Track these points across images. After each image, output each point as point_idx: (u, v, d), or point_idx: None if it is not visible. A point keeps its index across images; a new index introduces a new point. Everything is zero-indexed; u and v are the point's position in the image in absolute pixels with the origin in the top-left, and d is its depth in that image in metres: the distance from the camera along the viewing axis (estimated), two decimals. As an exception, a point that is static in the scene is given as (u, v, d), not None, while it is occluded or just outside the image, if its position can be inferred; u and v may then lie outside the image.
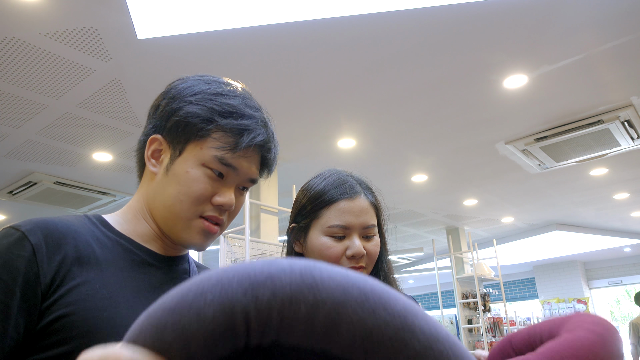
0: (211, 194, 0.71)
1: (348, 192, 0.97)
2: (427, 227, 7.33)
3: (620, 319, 14.18)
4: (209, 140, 0.71)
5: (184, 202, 0.70)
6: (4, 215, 5.65)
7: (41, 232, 0.64)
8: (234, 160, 0.71)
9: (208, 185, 0.70)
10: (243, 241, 3.11)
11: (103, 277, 0.66)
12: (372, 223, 0.97)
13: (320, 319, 0.35)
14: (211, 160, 0.70)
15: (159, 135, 0.74)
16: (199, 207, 0.71)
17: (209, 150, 0.70)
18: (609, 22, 2.70)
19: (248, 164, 0.73)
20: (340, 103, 3.48)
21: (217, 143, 0.70)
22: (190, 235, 0.72)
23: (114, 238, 0.72)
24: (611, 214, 7.06)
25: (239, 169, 0.72)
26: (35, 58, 2.75)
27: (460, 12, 2.57)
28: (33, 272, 0.61)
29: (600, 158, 4.62)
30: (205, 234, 0.72)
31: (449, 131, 4.05)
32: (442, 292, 11.83)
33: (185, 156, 0.71)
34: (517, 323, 7.61)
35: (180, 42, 2.70)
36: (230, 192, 0.72)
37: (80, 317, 0.62)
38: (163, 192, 0.72)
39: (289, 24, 2.60)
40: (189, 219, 0.71)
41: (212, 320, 0.33)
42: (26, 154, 3.98)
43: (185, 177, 0.70)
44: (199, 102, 0.72)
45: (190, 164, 0.71)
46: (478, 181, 5.37)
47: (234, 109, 0.72)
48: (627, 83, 3.40)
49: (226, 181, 0.72)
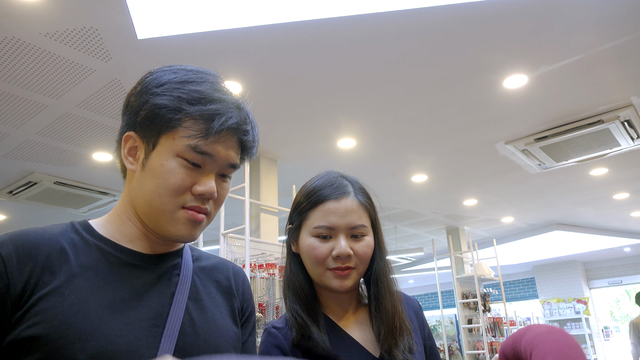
0: (190, 184, 0.69)
1: (334, 192, 0.97)
2: (427, 227, 7.33)
3: (620, 319, 14.18)
4: (180, 130, 0.68)
5: (162, 196, 0.68)
6: (4, 215, 5.66)
7: (12, 244, 0.65)
8: (208, 146, 0.69)
9: (185, 175, 0.69)
10: (243, 241, 3.11)
11: (74, 283, 0.65)
12: (361, 223, 0.97)
13: None
14: (184, 150, 0.68)
15: (132, 132, 0.73)
16: (179, 199, 0.69)
17: (181, 140, 0.68)
18: (609, 22, 2.70)
19: (224, 149, 0.71)
20: (340, 103, 3.48)
21: (188, 132, 0.68)
22: (176, 227, 0.70)
23: (93, 242, 0.71)
24: (611, 214, 7.06)
25: (215, 155, 0.70)
26: (35, 58, 2.75)
27: (460, 12, 2.57)
28: (3, 283, 0.62)
29: (600, 158, 4.62)
30: (190, 223, 0.70)
31: (449, 131, 4.05)
32: (442, 292, 11.82)
33: (159, 149, 0.69)
34: (517, 323, 7.61)
35: (180, 42, 2.70)
36: (210, 180, 0.70)
37: (48, 325, 0.61)
38: (142, 189, 0.71)
39: (289, 24, 2.60)
40: (171, 211, 0.69)
41: None
42: (26, 154, 3.98)
43: (161, 170, 0.68)
44: (166, 93, 0.70)
45: (165, 156, 0.69)
46: (478, 181, 5.37)
47: (202, 94, 0.70)
48: (627, 83, 3.40)
49: (204, 169, 0.70)
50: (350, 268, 0.94)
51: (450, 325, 6.86)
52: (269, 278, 3.21)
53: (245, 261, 2.98)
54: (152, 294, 0.70)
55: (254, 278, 3.15)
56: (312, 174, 1.07)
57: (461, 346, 6.47)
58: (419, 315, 1.09)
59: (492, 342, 5.95)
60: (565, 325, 9.77)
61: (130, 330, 0.64)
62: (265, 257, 3.33)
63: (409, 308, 1.07)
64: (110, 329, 0.63)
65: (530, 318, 9.31)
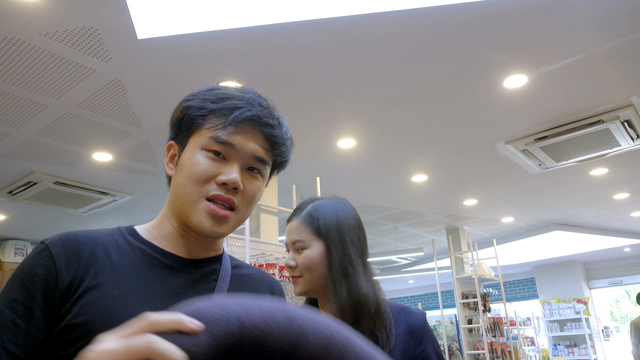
0: (213, 174, 0.73)
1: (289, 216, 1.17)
2: (427, 227, 7.33)
3: (620, 319, 14.17)
4: (205, 125, 0.75)
5: (187, 186, 0.73)
6: (4, 215, 5.65)
7: (61, 243, 0.71)
8: (229, 137, 0.73)
9: (209, 165, 0.73)
10: (243, 241, 3.11)
11: (116, 280, 0.70)
12: (298, 239, 1.11)
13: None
14: (207, 142, 0.73)
15: (172, 141, 0.80)
16: (202, 188, 0.73)
17: (205, 134, 0.74)
18: (609, 22, 2.70)
19: (245, 139, 0.74)
20: (340, 103, 3.48)
21: (211, 125, 0.74)
22: (197, 218, 0.73)
23: (136, 244, 0.76)
24: (611, 214, 7.06)
25: (236, 145, 0.74)
26: (35, 58, 2.75)
27: (460, 12, 2.57)
28: (53, 278, 0.68)
29: (600, 158, 4.62)
30: (212, 217, 0.73)
31: (449, 131, 4.05)
32: (442, 292, 11.81)
33: (188, 147, 0.76)
34: (517, 323, 7.61)
35: (180, 42, 2.70)
36: (232, 169, 0.73)
37: (92, 315, 0.66)
38: (174, 186, 0.77)
39: (289, 24, 2.60)
40: (194, 201, 0.73)
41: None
42: (26, 154, 3.98)
43: (188, 163, 0.74)
44: (195, 98, 0.77)
45: (192, 151, 0.75)
46: (478, 181, 5.37)
47: (225, 95, 0.76)
48: (627, 83, 3.40)
49: (228, 160, 0.74)
50: (296, 277, 1.09)
51: (450, 326, 6.86)
52: (269, 278, 3.21)
53: (245, 261, 2.98)
54: (189, 295, 0.74)
55: (254, 278, 3.15)
56: (312, 173, 1.09)
57: (461, 346, 6.47)
58: (413, 332, 1.08)
59: (492, 342, 5.95)
60: (565, 326, 9.77)
61: None
62: (265, 257, 3.33)
63: (399, 322, 1.08)
64: None
65: (530, 318, 9.31)
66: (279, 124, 0.80)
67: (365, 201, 5.88)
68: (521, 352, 6.94)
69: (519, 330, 7.87)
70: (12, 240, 6.57)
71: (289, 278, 3.31)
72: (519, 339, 7.48)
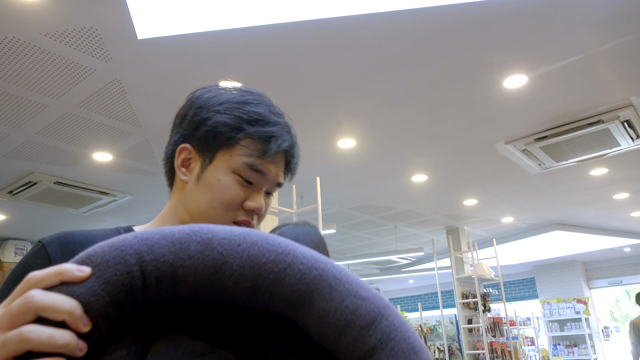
0: (242, 200, 0.74)
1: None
2: (427, 227, 7.33)
3: (620, 319, 14.18)
4: (238, 148, 0.74)
5: (217, 209, 0.73)
6: (4, 215, 5.66)
7: (58, 243, 0.70)
8: (263, 166, 0.74)
9: (239, 191, 0.73)
10: (243, 241, 3.11)
11: None
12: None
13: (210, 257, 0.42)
14: (241, 167, 0.73)
15: (188, 145, 0.77)
16: (231, 213, 0.74)
17: (238, 158, 0.73)
18: (609, 22, 2.70)
19: (275, 169, 0.76)
20: (340, 103, 3.48)
21: (246, 150, 0.73)
22: None
23: None
24: (611, 214, 7.06)
25: (267, 174, 0.75)
26: (35, 58, 2.75)
27: (460, 13, 2.58)
28: None
29: (600, 158, 4.62)
30: None
31: (449, 131, 4.05)
32: (442, 292, 11.81)
33: (216, 164, 0.74)
34: (517, 323, 7.61)
35: (180, 42, 2.70)
36: (260, 197, 0.75)
37: None
38: (196, 200, 0.75)
39: (288, 24, 2.60)
40: (221, 224, 0.73)
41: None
42: (26, 154, 3.98)
43: (217, 185, 0.73)
44: (227, 112, 0.75)
45: (222, 172, 0.74)
46: (478, 181, 5.37)
47: (260, 116, 0.75)
48: (627, 83, 3.40)
49: (256, 186, 0.75)
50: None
51: (450, 325, 6.86)
52: (269, 278, 3.21)
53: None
54: None
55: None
56: (312, 173, 1.08)
57: (461, 346, 6.47)
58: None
59: (492, 342, 5.95)
60: (565, 326, 9.78)
61: None
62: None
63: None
64: None
65: (530, 318, 9.31)
66: (298, 149, 0.82)
67: (365, 201, 5.88)
68: (521, 352, 6.94)
69: (519, 330, 7.87)
70: (12, 240, 6.57)
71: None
72: (518, 339, 7.48)
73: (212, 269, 0.42)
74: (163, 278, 0.42)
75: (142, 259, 0.42)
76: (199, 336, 0.46)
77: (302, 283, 0.42)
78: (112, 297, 0.41)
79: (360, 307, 0.41)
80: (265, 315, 0.47)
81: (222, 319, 0.48)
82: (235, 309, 0.47)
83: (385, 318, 0.41)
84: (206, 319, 0.47)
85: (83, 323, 0.40)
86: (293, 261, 0.43)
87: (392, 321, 0.41)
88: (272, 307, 0.44)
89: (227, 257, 0.43)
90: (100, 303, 0.41)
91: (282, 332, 0.46)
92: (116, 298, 0.41)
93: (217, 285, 0.43)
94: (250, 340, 0.47)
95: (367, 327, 0.40)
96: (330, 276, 0.43)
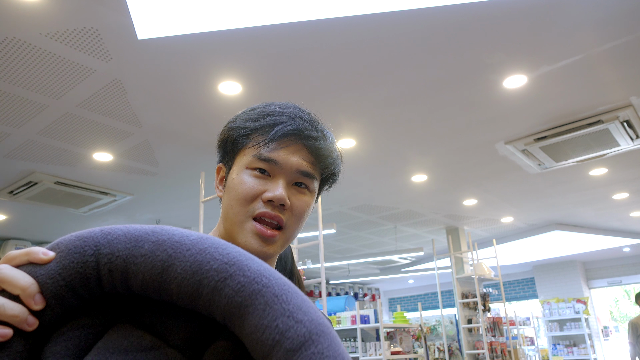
0: (259, 192, 0.72)
1: None
2: (427, 227, 7.34)
3: (619, 318, 14.19)
4: (249, 144, 0.75)
5: (234, 207, 0.73)
6: (5, 215, 5.66)
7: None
8: (272, 153, 0.73)
9: (254, 184, 0.72)
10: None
11: None
12: None
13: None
14: (252, 161, 0.73)
15: (220, 163, 0.80)
16: (249, 207, 0.72)
17: (249, 153, 0.74)
18: (609, 22, 2.71)
19: (288, 154, 0.74)
20: (340, 103, 3.48)
21: (253, 143, 0.74)
22: (245, 239, 0.72)
23: None
24: (611, 214, 7.07)
25: (280, 161, 0.73)
26: (36, 58, 2.75)
27: (461, 13, 2.58)
28: None
29: (599, 158, 4.63)
30: (259, 237, 0.72)
31: (449, 131, 4.05)
32: (442, 292, 11.81)
33: (234, 168, 0.76)
34: (516, 323, 7.61)
35: (180, 42, 2.70)
36: (277, 186, 0.72)
37: None
38: (223, 207, 0.76)
39: (288, 24, 2.60)
40: (241, 221, 0.72)
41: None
42: (27, 154, 3.99)
43: (233, 184, 0.74)
44: (237, 119, 0.78)
45: (237, 172, 0.75)
46: (478, 181, 5.37)
47: (267, 112, 0.76)
48: (627, 83, 3.40)
49: (273, 177, 0.73)
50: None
51: (450, 325, 6.87)
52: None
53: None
54: None
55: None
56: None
57: (461, 346, 6.48)
58: None
59: (491, 342, 5.96)
60: (564, 325, 9.78)
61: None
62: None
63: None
64: None
65: (530, 318, 9.32)
66: (324, 136, 0.79)
67: (365, 201, 5.88)
68: (521, 352, 6.95)
69: (519, 330, 7.87)
70: (13, 240, 6.57)
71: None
72: (518, 338, 7.49)
73: (159, 269, 0.45)
74: (115, 271, 0.45)
75: (99, 251, 0.45)
76: (152, 331, 0.48)
77: (240, 295, 0.42)
78: (68, 282, 0.45)
79: (291, 329, 0.40)
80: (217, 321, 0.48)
81: (176, 318, 0.49)
82: (191, 311, 0.48)
83: (315, 344, 0.40)
84: (161, 316, 0.49)
85: (35, 301, 0.44)
86: (235, 272, 0.44)
87: (322, 350, 0.40)
88: (212, 314, 0.45)
89: (174, 260, 0.44)
90: (56, 286, 0.44)
91: (233, 339, 0.47)
92: (71, 284, 0.45)
93: (163, 285, 0.45)
94: (201, 344, 0.49)
95: (292, 350, 0.40)
96: (269, 292, 0.42)
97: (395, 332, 5.28)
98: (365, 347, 4.92)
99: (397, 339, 5.21)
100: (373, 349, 4.84)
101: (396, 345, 5.10)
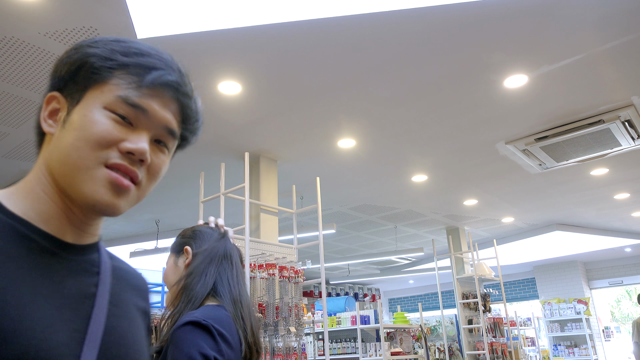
0: (116, 139, 0.60)
1: None
2: (427, 227, 7.33)
3: (620, 319, 14.17)
4: (112, 80, 0.61)
5: (80, 149, 0.59)
6: (4, 216, 5.65)
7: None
8: (142, 100, 0.61)
9: (111, 128, 0.60)
10: (243, 241, 3.10)
11: None
12: None
13: None
14: (114, 102, 0.60)
15: (57, 92, 0.64)
16: (101, 153, 0.59)
17: (111, 92, 0.61)
18: (609, 22, 2.70)
19: (160, 107, 0.63)
20: (340, 103, 3.48)
21: (120, 82, 0.61)
22: (93, 188, 0.59)
23: (8, 222, 0.59)
24: (612, 214, 7.06)
25: (149, 111, 0.62)
26: (35, 58, 2.75)
27: (461, 12, 2.57)
28: None
29: (600, 158, 4.62)
30: (113, 187, 0.60)
31: (449, 131, 4.05)
32: (443, 292, 11.75)
33: (83, 103, 0.61)
34: (517, 323, 7.60)
35: (180, 42, 2.70)
36: (141, 139, 0.61)
37: None
38: (58, 147, 0.61)
39: (288, 23, 2.60)
40: (89, 167, 0.59)
41: None
42: (26, 154, 3.99)
43: (83, 121, 0.60)
44: (99, 46, 0.63)
45: (89, 108, 0.60)
46: (478, 181, 5.37)
47: (139, 50, 0.63)
48: (628, 83, 3.39)
49: (137, 128, 0.62)
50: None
51: (451, 326, 6.85)
52: (268, 278, 3.21)
53: (245, 261, 2.97)
54: (72, 292, 0.61)
55: (254, 278, 3.15)
56: (312, 173, 1.07)
57: (461, 346, 6.47)
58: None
59: (492, 342, 5.95)
60: (565, 326, 9.77)
61: (52, 334, 0.56)
62: (265, 257, 3.33)
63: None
64: (32, 331, 0.54)
65: (531, 318, 9.30)
66: (197, 97, 0.68)
67: (365, 201, 5.88)
68: (521, 353, 6.94)
69: (520, 330, 7.86)
70: (13, 240, 6.55)
71: (288, 278, 3.32)
72: (519, 339, 7.47)
73: None
74: None
75: None
76: None
77: None
78: None
79: None
80: None
81: None
82: None
83: None
84: None
85: None
86: None
87: None
88: None
89: None
90: None
91: None
92: None
93: None
94: None
95: None
96: None
97: (396, 333, 5.28)
98: (365, 348, 4.91)
99: (397, 340, 5.21)
100: (373, 350, 4.84)
101: (396, 345, 5.09)
